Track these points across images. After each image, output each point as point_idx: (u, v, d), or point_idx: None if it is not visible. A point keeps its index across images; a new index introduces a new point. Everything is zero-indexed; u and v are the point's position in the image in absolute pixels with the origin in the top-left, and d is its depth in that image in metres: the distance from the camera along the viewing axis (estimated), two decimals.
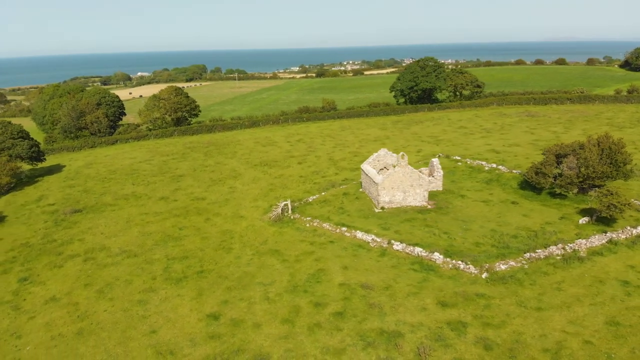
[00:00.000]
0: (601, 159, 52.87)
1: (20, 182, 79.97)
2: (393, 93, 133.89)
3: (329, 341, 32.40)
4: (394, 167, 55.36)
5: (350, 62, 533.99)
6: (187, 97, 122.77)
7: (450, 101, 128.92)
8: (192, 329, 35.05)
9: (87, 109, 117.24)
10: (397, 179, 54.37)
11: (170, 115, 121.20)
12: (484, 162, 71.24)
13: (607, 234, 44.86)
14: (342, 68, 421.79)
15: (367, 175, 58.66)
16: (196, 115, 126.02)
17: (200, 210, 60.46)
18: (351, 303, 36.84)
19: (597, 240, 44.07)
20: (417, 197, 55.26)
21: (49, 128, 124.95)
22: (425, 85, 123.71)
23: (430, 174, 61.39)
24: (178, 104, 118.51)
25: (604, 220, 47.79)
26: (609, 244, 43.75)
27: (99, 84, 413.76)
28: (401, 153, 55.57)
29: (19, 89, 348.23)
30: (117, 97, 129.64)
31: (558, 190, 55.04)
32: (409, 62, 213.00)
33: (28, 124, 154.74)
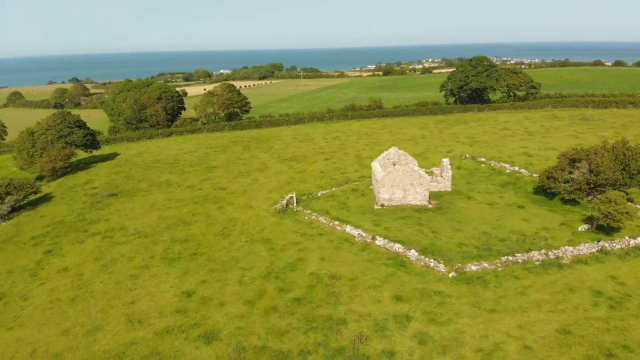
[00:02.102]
0: (614, 165, 50.11)
1: (76, 167, 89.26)
2: (443, 92, 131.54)
3: (277, 323, 34.58)
4: (394, 165, 55.92)
5: (430, 59, 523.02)
6: (239, 94, 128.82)
7: (503, 102, 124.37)
8: (166, 303, 38.70)
9: (148, 102, 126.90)
10: (397, 177, 54.94)
11: (223, 111, 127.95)
12: (507, 165, 69.30)
13: (600, 243, 42.88)
14: (420, 66, 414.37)
15: (373, 172, 59.66)
16: (247, 111, 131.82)
17: (217, 199, 64.61)
18: (313, 291, 38.69)
19: (587, 248, 42.31)
20: (417, 196, 55.48)
21: (115, 119, 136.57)
22: (475, 85, 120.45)
23: (440, 174, 61.08)
24: (229, 100, 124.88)
25: (604, 228, 45.57)
26: (599, 253, 41.86)
27: (182, 79, 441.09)
28: (401, 152, 56.02)
29: (109, 83, 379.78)
30: (177, 92, 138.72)
31: (566, 196, 52.80)
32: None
33: (102, 115, 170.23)
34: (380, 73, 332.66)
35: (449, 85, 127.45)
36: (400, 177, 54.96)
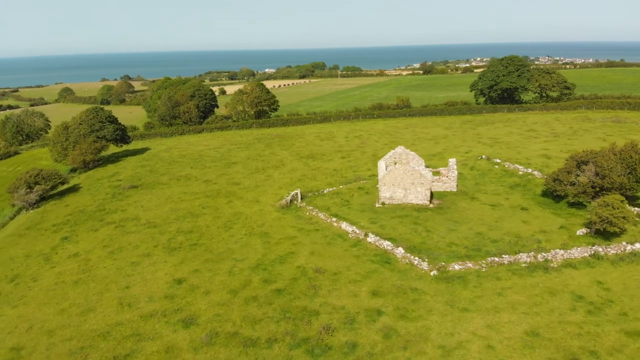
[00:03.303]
0: (621, 169, 48.50)
1: (107, 160, 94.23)
2: (473, 92, 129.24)
3: (254, 312, 36.07)
4: (395, 164, 56.21)
5: (478, 58, 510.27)
6: (268, 92, 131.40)
7: (535, 102, 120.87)
8: (157, 289, 40.98)
9: (181, 100, 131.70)
10: (398, 176, 55.25)
11: (252, 109, 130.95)
12: (520, 167, 67.98)
13: (593, 247, 41.83)
14: (466, 64, 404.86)
15: (378, 171, 60.15)
16: (275, 109, 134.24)
17: (229, 194, 66.87)
18: (296, 283, 39.93)
19: (579, 252, 41.40)
20: (418, 196, 55.58)
21: (152, 115, 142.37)
22: (505, 85, 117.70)
23: (446, 175, 60.78)
24: (258, 98, 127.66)
25: (604, 233, 44.37)
26: (591, 258, 40.89)
27: (227, 78, 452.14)
28: (407, 151, 56.23)
29: (155, 81, 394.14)
30: (211, 90, 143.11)
31: (571, 200, 51.51)
32: (542, 61, 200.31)
33: (143, 112, 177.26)
34: (421, 72, 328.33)
35: (479, 84, 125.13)
36: (401, 176, 55.23)
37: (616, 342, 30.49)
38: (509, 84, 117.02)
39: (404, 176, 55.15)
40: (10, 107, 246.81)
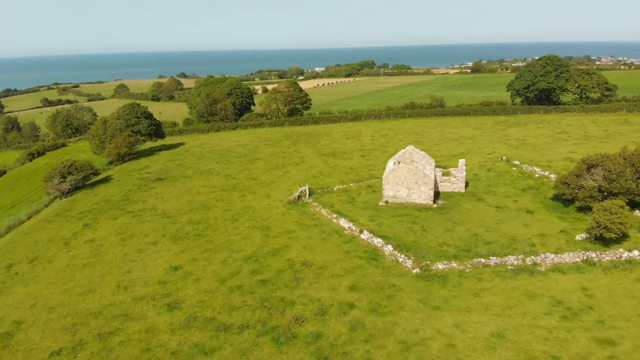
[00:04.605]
0: (629, 173, 46.63)
1: (142, 154, 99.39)
2: (510, 92, 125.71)
3: (235, 300, 37.87)
4: (399, 163, 56.44)
5: (536, 57, 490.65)
6: (301, 90, 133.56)
7: (574, 104, 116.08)
8: (154, 274, 43.64)
9: (219, 97, 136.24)
10: (401, 175, 55.51)
11: (285, 107, 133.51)
12: (538, 169, 66.27)
13: (587, 253, 40.69)
14: (522, 64, 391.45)
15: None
16: (307, 107, 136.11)
17: (244, 188, 69.25)
18: (281, 275, 41.41)
19: (570, 257, 40.43)
20: (421, 195, 55.59)
21: (193, 112, 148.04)
22: (542, 85, 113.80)
23: (456, 175, 60.28)
24: (290, 96, 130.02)
25: (603, 239, 42.97)
26: (583, 263, 39.84)
27: (276, 77, 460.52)
28: (417, 151, 56.32)
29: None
30: (248, 88, 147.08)
31: (579, 204, 49.99)
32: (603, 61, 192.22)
33: (187, 108, 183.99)
34: (468, 70, 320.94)
35: (516, 84, 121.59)
36: (405, 176, 55.45)
37: (583, 349, 29.92)
38: (546, 84, 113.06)
39: (408, 175, 55.33)
40: (68, 101, 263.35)
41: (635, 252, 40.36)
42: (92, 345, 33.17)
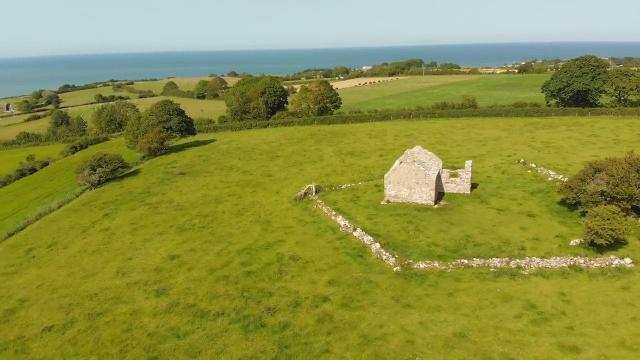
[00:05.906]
0: (633, 178, 44.99)
1: (173, 149, 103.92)
2: (544, 94, 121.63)
3: (218, 288, 39.84)
4: (400, 162, 56.65)
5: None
6: (331, 89, 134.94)
7: (611, 106, 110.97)
8: (152, 261, 46.39)
9: (253, 96, 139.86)
10: (403, 175, 55.78)
11: (315, 105, 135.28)
12: (553, 173, 64.52)
13: (574, 259, 39.80)
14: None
15: None
16: (337, 106, 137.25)
17: (257, 184, 71.44)
18: (268, 267, 43.04)
19: (557, 262, 39.69)
20: (423, 195, 55.64)
21: (228, 109, 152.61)
22: (577, 87, 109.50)
23: (461, 176, 59.82)
24: (321, 95, 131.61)
25: (598, 245, 41.79)
26: (569, 269, 39.04)
27: (322, 75, 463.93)
28: (424, 151, 56.44)
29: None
30: (281, 87, 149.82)
31: (581, 208, 48.62)
32: None
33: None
34: (516, 70, 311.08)
35: (551, 86, 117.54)
36: (406, 175, 55.69)
37: (544, 354, 29.64)
38: (582, 85, 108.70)
39: (409, 175, 55.55)
40: (121, 98, 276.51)
41: (627, 260, 39.09)
42: (81, 323, 36.05)
